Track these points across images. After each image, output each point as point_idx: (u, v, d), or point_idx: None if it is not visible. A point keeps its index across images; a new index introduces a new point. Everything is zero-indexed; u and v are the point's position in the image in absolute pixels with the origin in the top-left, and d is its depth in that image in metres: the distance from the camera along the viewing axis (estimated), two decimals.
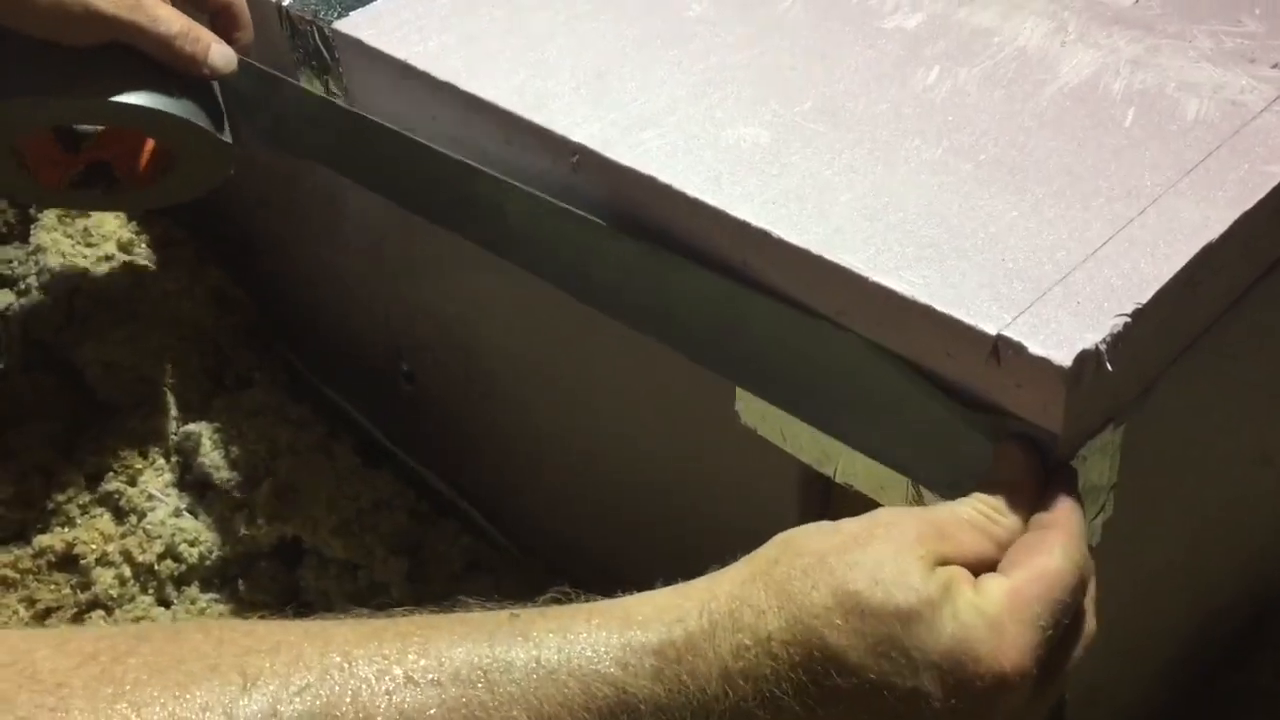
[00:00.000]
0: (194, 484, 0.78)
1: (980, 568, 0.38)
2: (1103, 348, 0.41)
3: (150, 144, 0.70)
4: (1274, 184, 0.46)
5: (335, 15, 0.63)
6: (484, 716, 0.34)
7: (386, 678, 0.34)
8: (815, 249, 0.46)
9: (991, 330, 0.41)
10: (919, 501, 0.46)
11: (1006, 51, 0.55)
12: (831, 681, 0.35)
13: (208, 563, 0.75)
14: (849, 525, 0.39)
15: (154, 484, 0.76)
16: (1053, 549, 0.38)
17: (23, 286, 0.87)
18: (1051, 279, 0.43)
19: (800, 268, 0.47)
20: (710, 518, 0.62)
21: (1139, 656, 0.60)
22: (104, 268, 0.87)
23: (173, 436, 0.80)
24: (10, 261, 0.89)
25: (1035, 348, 0.40)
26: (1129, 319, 0.41)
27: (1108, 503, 0.47)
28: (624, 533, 0.70)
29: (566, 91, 0.56)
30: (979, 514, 0.40)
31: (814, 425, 0.49)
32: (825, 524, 0.39)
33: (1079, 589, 0.38)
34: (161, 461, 0.78)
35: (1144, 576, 0.54)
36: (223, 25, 0.65)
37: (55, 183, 0.69)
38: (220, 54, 0.63)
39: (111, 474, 0.77)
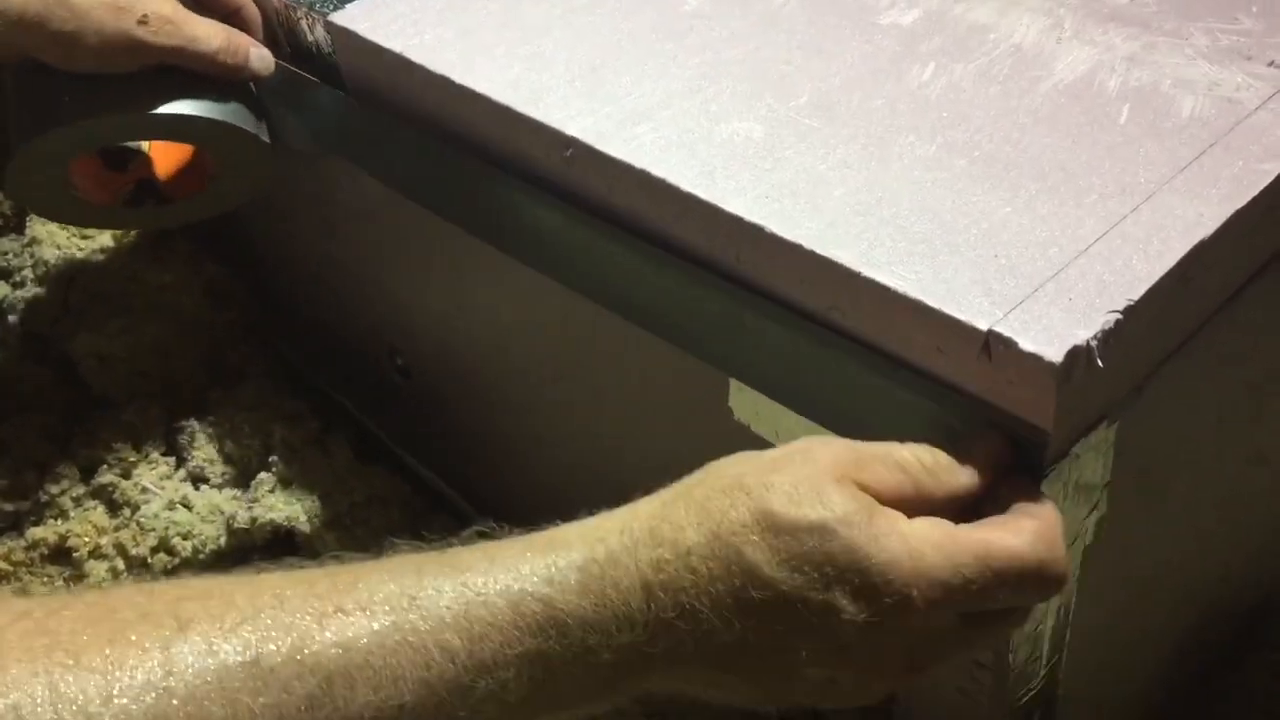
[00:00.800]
0: (188, 477, 0.78)
1: (902, 507, 0.39)
2: (1094, 344, 0.41)
3: (193, 158, 0.72)
4: (1268, 181, 0.46)
5: (331, 8, 0.63)
6: (416, 641, 0.35)
7: (318, 611, 0.35)
8: (808, 244, 0.46)
9: (983, 326, 0.41)
10: None
11: (1002, 48, 0.55)
12: (748, 595, 0.37)
13: (201, 556, 0.75)
14: (770, 452, 0.40)
15: (148, 477, 0.76)
16: (1021, 530, 0.39)
17: (18, 279, 0.87)
18: (1044, 275, 0.43)
19: (793, 263, 0.46)
20: None
21: (1134, 655, 0.59)
22: (99, 260, 0.87)
23: (168, 430, 0.80)
24: (6, 254, 0.89)
25: (1026, 343, 0.40)
26: (1121, 316, 0.41)
27: (1101, 501, 0.47)
28: None
29: (561, 85, 0.55)
30: (913, 458, 0.40)
31: (808, 418, 0.48)
32: (748, 452, 0.40)
33: (1035, 583, 0.39)
34: (156, 455, 0.78)
35: (1138, 576, 0.54)
36: (236, 27, 0.66)
37: (108, 203, 0.71)
38: (259, 58, 0.65)
39: (105, 467, 0.77)
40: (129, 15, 0.60)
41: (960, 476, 0.41)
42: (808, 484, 0.38)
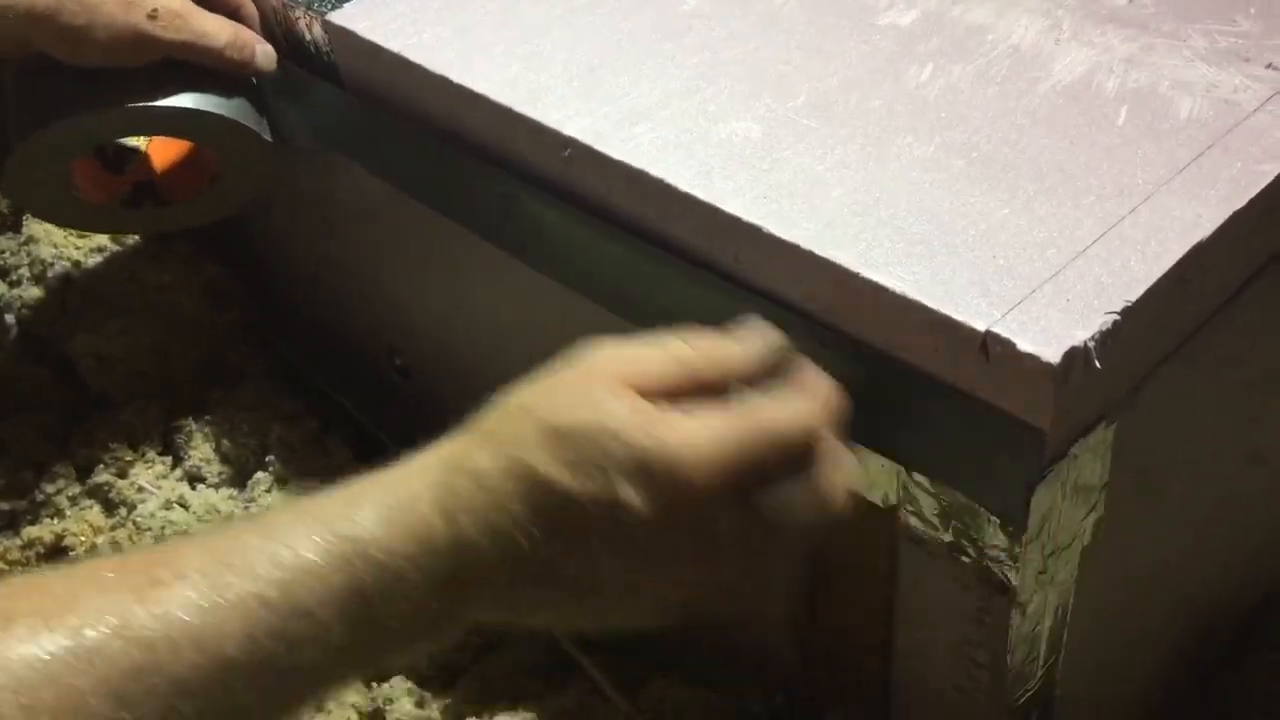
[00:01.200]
0: (185, 477, 0.78)
1: (680, 396, 0.41)
2: (1092, 345, 0.41)
3: (192, 158, 0.72)
4: (1266, 183, 0.46)
5: (330, 7, 0.63)
6: (233, 597, 0.36)
7: (135, 586, 0.36)
8: (805, 244, 0.46)
9: (980, 326, 0.41)
10: (909, 493, 0.46)
11: (1000, 49, 0.55)
12: (543, 505, 0.39)
13: None
14: (545, 374, 0.43)
15: (144, 476, 0.76)
16: (788, 400, 0.42)
17: (15, 278, 0.87)
18: (1041, 276, 0.43)
19: (791, 263, 0.46)
20: None
21: (1133, 656, 0.59)
22: (97, 259, 0.87)
23: (166, 430, 0.80)
24: (3, 252, 0.89)
25: (1024, 344, 0.40)
26: (1119, 317, 0.41)
27: (1099, 502, 0.47)
28: None
29: (559, 85, 0.55)
30: (686, 347, 0.42)
31: None
32: (528, 381, 0.43)
33: (803, 451, 0.41)
34: (153, 454, 0.78)
35: (1136, 576, 0.54)
36: None
37: (105, 202, 0.71)
38: (264, 54, 0.65)
39: (102, 466, 0.77)
40: (138, 9, 0.60)
41: (733, 358, 0.43)
42: (584, 392, 0.40)
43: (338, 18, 0.62)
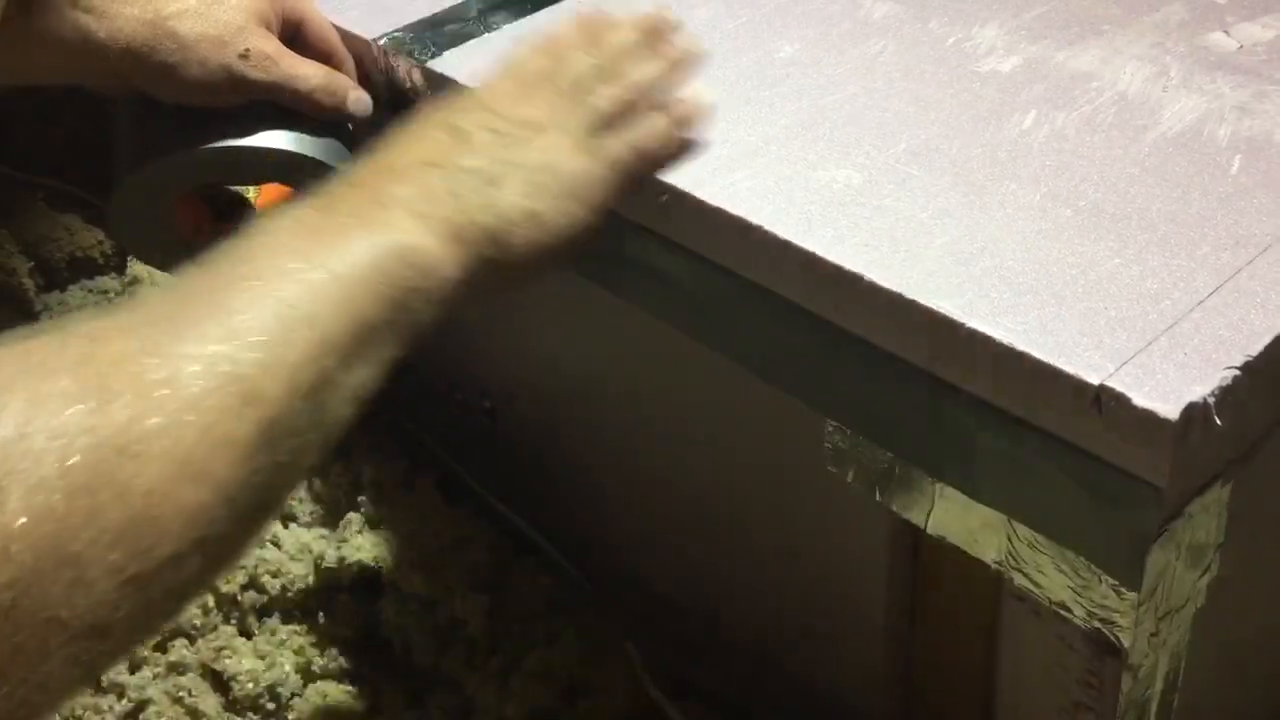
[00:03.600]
0: (279, 515, 0.79)
1: None
2: (1211, 401, 0.39)
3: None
4: None
5: (430, 55, 0.64)
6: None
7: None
8: (909, 293, 0.45)
9: (1094, 380, 0.40)
10: (1014, 548, 0.45)
11: (1106, 96, 0.54)
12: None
13: (289, 594, 0.75)
14: None
15: None
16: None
17: None
18: (1157, 329, 0.42)
19: (893, 312, 0.46)
20: (796, 566, 0.61)
21: None
22: None
23: None
24: (107, 292, 0.92)
25: (1140, 399, 0.39)
26: (1239, 372, 0.40)
27: (1213, 563, 0.45)
28: (706, 576, 0.69)
29: None
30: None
31: (898, 456, 0.48)
32: None
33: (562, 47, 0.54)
34: None
35: (1240, 640, 0.52)
36: None
37: (207, 246, 0.72)
38: (356, 100, 0.66)
39: None
40: (231, 49, 0.62)
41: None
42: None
43: (438, 65, 0.63)
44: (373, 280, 0.43)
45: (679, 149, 0.53)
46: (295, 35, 0.66)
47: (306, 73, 0.65)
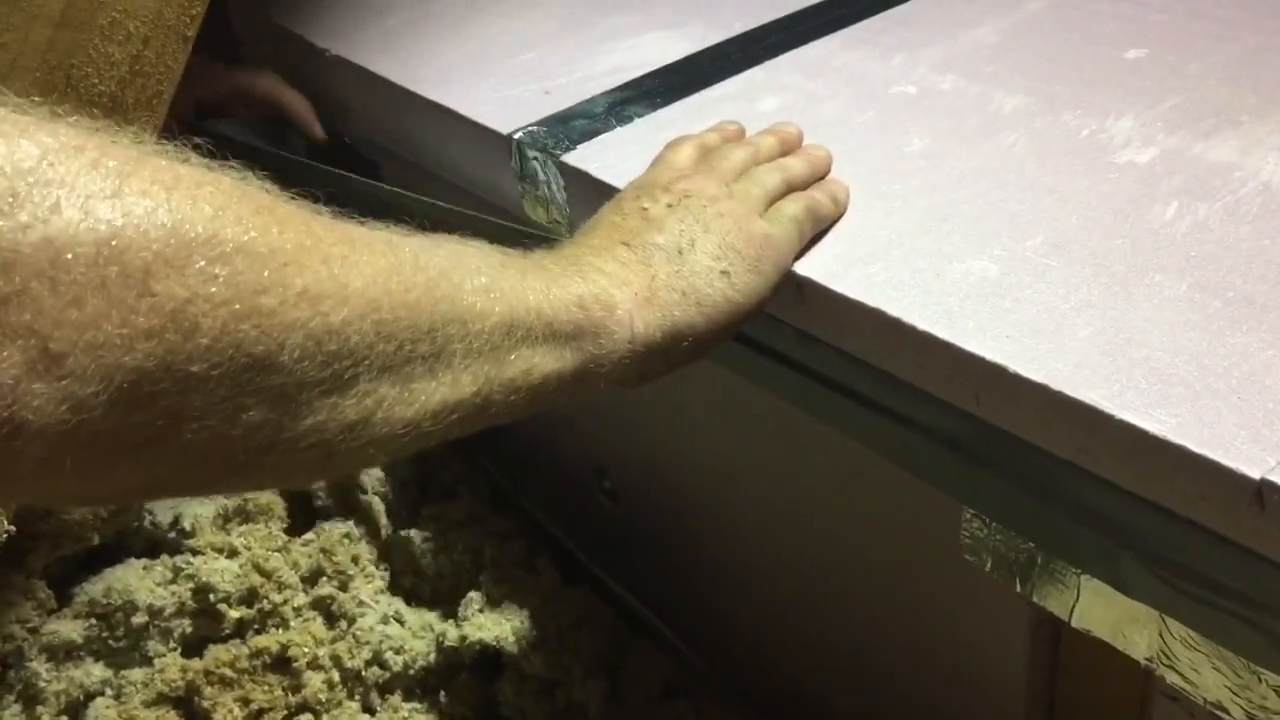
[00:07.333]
0: (401, 591, 0.80)
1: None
2: None
3: None
4: None
5: (564, 149, 0.67)
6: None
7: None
8: (1055, 385, 0.45)
9: (1255, 474, 0.40)
10: (1167, 645, 0.44)
11: (1249, 187, 0.54)
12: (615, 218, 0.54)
13: (411, 671, 0.76)
14: None
15: (365, 590, 0.79)
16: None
17: None
18: None
19: (1038, 404, 0.46)
20: (928, 657, 0.61)
21: None
22: None
23: (382, 543, 0.83)
24: None
25: None
26: None
27: None
28: (830, 663, 0.68)
29: None
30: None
31: (1033, 542, 0.47)
32: None
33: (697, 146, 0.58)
34: (372, 568, 0.81)
35: None
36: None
37: None
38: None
39: (325, 579, 0.80)
40: None
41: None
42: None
43: (572, 159, 0.66)
44: (567, 302, 0.47)
45: (842, 215, 0.57)
46: None
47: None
